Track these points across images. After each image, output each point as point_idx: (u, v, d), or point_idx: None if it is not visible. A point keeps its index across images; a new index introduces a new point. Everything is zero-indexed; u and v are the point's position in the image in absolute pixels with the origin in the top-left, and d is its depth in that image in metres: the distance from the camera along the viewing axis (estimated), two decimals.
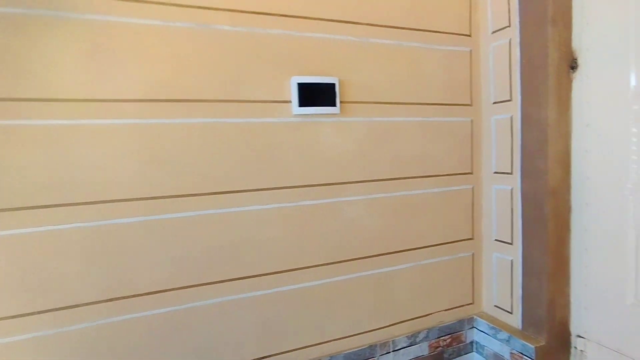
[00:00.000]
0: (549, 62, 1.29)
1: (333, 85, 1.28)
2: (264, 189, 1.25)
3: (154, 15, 1.09)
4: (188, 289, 1.17)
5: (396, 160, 1.43)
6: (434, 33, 1.46)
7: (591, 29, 1.27)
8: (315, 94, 1.26)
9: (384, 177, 1.42)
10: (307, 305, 1.33)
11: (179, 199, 1.14)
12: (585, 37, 1.28)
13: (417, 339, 1.50)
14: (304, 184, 1.30)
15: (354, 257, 1.40)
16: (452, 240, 1.57)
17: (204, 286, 1.19)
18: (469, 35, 1.53)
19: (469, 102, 1.55)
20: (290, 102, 1.26)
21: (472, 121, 1.56)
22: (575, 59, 1.31)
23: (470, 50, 1.54)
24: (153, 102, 1.11)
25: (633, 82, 1.17)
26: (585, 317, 1.36)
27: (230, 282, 1.22)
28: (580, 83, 1.31)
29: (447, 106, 1.51)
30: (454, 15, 1.50)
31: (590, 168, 1.31)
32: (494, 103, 1.51)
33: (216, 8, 1.15)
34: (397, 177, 1.44)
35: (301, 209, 1.30)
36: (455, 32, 1.50)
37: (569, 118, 1.34)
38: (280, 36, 1.23)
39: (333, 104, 1.29)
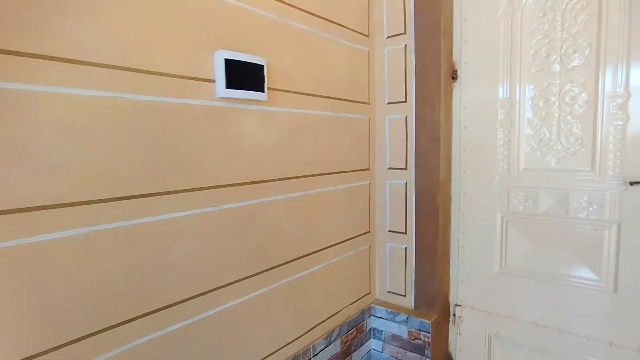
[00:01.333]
0: (441, 71, 1.47)
1: (262, 67, 1.10)
2: (178, 191, 0.97)
3: None
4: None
5: (311, 155, 1.35)
6: (342, 27, 1.45)
7: (468, 46, 1.51)
8: (244, 75, 1.05)
9: (300, 174, 1.32)
10: (227, 332, 1.10)
11: (52, 210, 0.75)
12: (464, 53, 1.52)
13: (332, 338, 1.47)
14: (225, 183, 1.07)
15: (272, 266, 1.24)
16: (354, 235, 1.60)
17: (88, 340, 0.83)
18: (367, 36, 1.59)
19: (367, 101, 1.61)
20: (213, 81, 1.01)
21: (369, 119, 1.63)
22: (456, 71, 1.54)
23: (369, 51, 1.60)
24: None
25: (500, 94, 1.45)
26: (462, 289, 1.62)
27: (130, 323, 0.88)
28: (459, 91, 1.54)
29: (351, 102, 1.52)
30: (356, 13, 1.52)
31: (466, 163, 1.56)
32: (389, 103, 1.62)
33: None
34: (311, 174, 1.37)
35: (222, 214, 1.07)
36: (358, 30, 1.53)
37: (451, 121, 1.56)
38: None
39: (262, 89, 1.10)
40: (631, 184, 1.23)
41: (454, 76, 1.54)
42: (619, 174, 1.25)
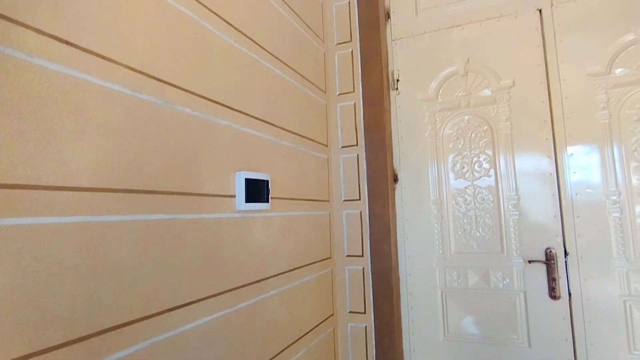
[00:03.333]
0: (387, 175, 1.86)
1: (267, 181, 1.31)
2: (210, 296, 1.07)
3: (115, 79, 0.83)
4: None
5: (297, 249, 1.54)
6: (311, 141, 1.76)
7: (405, 157, 1.94)
8: (256, 190, 1.25)
9: (289, 268, 1.49)
10: None
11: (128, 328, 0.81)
12: (402, 162, 1.94)
13: None
14: (240, 285, 1.20)
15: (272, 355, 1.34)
16: (320, 320, 1.77)
17: None
18: (327, 146, 1.93)
19: (327, 199, 1.90)
20: (234, 196, 1.18)
21: (329, 214, 1.91)
22: (396, 175, 1.95)
23: (327, 157, 1.93)
24: (107, 192, 0.79)
25: (432, 195, 1.88)
26: (414, 357, 1.87)
27: None
28: (400, 191, 1.94)
29: (318, 202, 1.79)
30: (319, 129, 1.86)
31: (410, 249, 1.91)
32: (345, 200, 1.93)
33: (180, 87, 0.99)
34: (297, 266, 1.55)
35: (238, 313, 1.18)
36: (321, 142, 1.86)
37: (395, 214, 1.93)
38: (227, 128, 1.18)
39: (267, 200, 1.30)
40: (529, 261, 1.69)
41: (395, 179, 1.94)
42: (520, 254, 1.72)
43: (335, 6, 2.03)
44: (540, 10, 1.76)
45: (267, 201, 1.31)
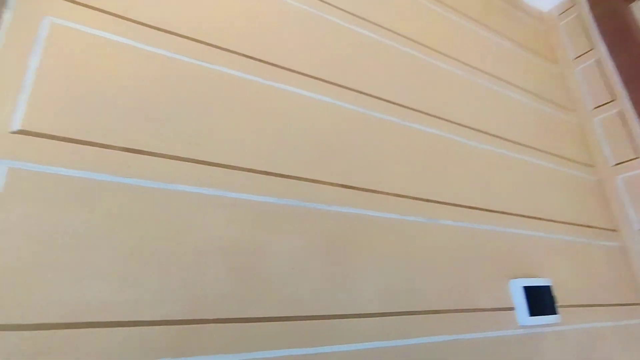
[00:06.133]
0: None
1: (549, 287, 1.10)
2: None
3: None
4: None
5: None
6: (593, 229, 1.42)
7: None
8: (538, 299, 1.05)
9: None
10: None
11: None
12: None
13: None
14: None
15: None
16: None
17: None
18: (615, 230, 1.51)
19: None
20: (512, 309, 1.03)
21: None
22: None
23: (619, 245, 1.49)
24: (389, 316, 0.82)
25: None
26: None
27: None
28: None
29: (624, 306, 1.35)
30: (599, 212, 1.50)
31: None
32: None
33: (443, 202, 1.02)
34: None
35: None
36: (606, 227, 1.48)
37: None
38: (491, 233, 1.10)
39: (554, 311, 1.07)
40: None
41: None
42: None
43: (581, 69, 1.78)
44: None
45: (555, 312, 1.07)
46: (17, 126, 0.61)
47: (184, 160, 0.71)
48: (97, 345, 0.56)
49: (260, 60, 0.87)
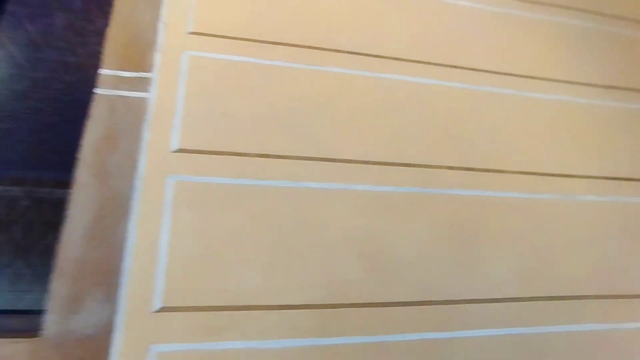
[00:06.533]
0: None
1: None
2: None
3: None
4: None
5: None
6: None
7: None
8: None
9: None
10: None
11: None
12: None
13: None
14: None
15: None
16: None
17: None
18: None
19: None
20: None
21: None
22: None
23: None
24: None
25: None
26: None
27: None
28: None
29: None
30: None
31: None
32: None
33: (579, 176, 0.92)
34: None
35: None
36: None
37: None
38: None
39: None
40: None
41: None
42: None
43: None
44: None
45: None
46: (176, 146, 0.73)
47: (308, 159, 0.77)
48: (256, 325, 0.66)
49: (367, 55, 0.90)
